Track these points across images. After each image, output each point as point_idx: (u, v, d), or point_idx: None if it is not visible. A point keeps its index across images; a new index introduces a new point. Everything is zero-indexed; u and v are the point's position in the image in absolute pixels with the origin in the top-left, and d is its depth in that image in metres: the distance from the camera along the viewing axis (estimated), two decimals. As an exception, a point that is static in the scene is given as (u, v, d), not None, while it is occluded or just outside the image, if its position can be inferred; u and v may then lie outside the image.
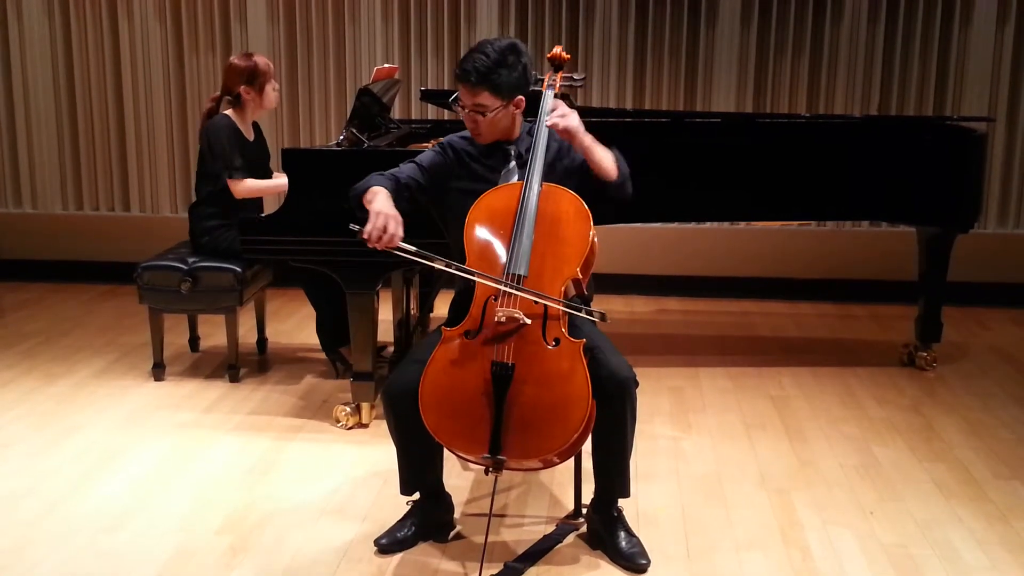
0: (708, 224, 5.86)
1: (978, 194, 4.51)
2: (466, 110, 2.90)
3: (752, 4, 5.65)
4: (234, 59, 4.35)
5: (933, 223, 4.44)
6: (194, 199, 4.43)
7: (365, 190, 2.83)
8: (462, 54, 5.63)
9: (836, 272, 5.81)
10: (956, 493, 3.32)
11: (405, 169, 2.96)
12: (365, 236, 2.65)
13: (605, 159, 2.86)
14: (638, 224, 5.36)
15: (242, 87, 4.28)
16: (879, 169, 4.25)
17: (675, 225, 5.81)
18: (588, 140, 2.86)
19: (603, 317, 2.67)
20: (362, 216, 2.76)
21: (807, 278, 5.82)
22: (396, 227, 2.67)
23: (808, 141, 4.31)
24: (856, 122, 4.94)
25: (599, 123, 4.07)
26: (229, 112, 4.32)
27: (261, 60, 4.32)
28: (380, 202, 2.73)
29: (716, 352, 4.85)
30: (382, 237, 2.65)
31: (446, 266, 2.70)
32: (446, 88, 5.75)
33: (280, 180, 4.48)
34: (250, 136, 4.39)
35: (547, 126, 2.84)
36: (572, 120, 2.82)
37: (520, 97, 2.92)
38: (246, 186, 4.29)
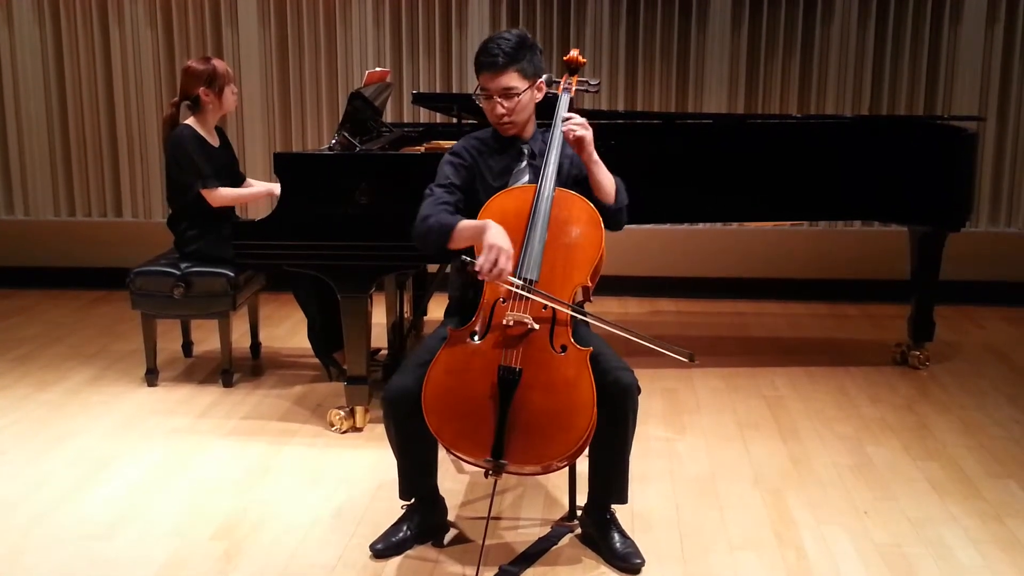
0: (701, 225, 5.87)
1: (969, 193, 4.52)
2: (494, 98, 2.88)
3: (743, 5, 5.66)
4: (192, 63, 4.35)
5: (925, 222, 4.45)
6: (169, 211, 4.43)
7: (451, 229, 2.76)
8: (454, 57, 5.78)
9: (829, 272, 5.83)
10: (950, 492, 3.33)
11: (446, 195, 2.89)
12: (478, 270, 2.64)
13: (606, 181, 2.89)
14: (631, 226, 5.36)
15: (201, 89, 4.28)
16: (871, 169, 4.26)
17: (668, 226, 5.82)
18: (596, 157, 2.87)
19: (691, 358, 2.67)
20: (439, 256, 2.79)
21: (800, 278, 5.84)
22: (507, 262, 2.65)
23: (799, 141, 4.32)
24: (847, 122, 4.95)
25: (591, 125, 4.07)
26: (190, 121, 4.32)
27: (220, 64, 4.33)
28: (496, 235, 2.67)
29: (710, 353, 4.85)
30: (492, 271, 2.64)
31: (559, 304, 2.69)
32: (438, 91, 5.77)
33: (255, 189, 4.48)
34: (215, 142, 4.39)
35: (562, 130, 2.84)
36: (588, 134, 2.83)
37: (541, 81, 2.94)
38: (221, 194, 4.28)
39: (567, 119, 2.85)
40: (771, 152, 4.26)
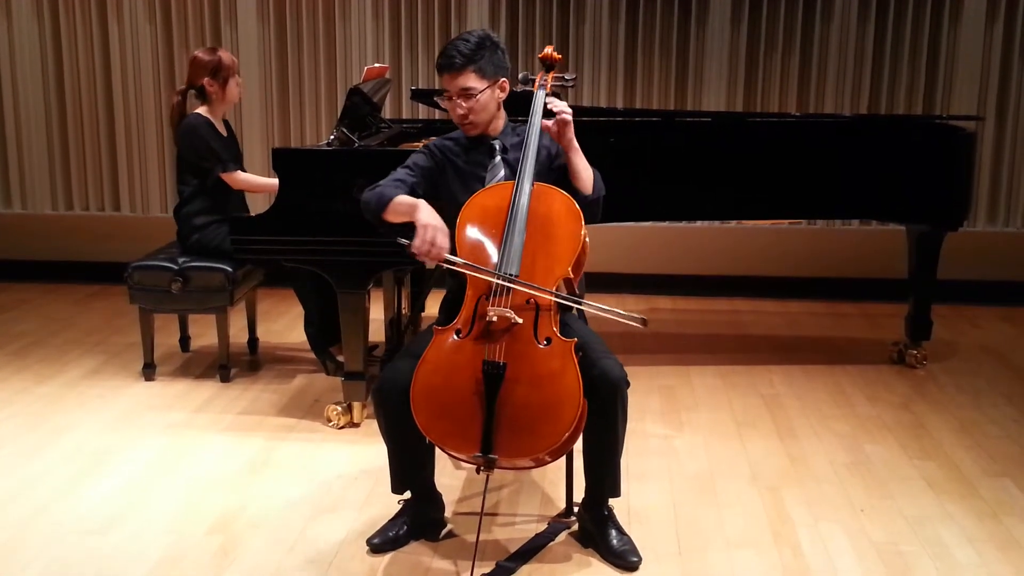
0: (699, 223, 5.87)
1: (967, 192, 4.51)
2: (454, 99, 2.92)
3: (742, 3, 5.66)
4: (198, 53, 4.38)
5: (923, 221, 4.45)
6: (177, 201, 4.43)
7: (388, 201, 2.82)
8: (453, 54, 5.75)
9: (826, 271, 5.83)
10: (946, 490, 3.33)
11: (404, 175, 2.94)
12: (414, 250, 2.68)
13: (585, 170, 2.90)
14: (629, 223, 5.37)
15: (206, 79, 4.32)
16: (869, 168, 4.26)
17: (666, 224, 5.82)
18: (575, 144, 2.89)
19: (643, 322, 2.65)
20: (382, 229, 2.84)
21: (798, 277, 5.84)
22: (444, 240, 2.70)
23: (798, 140, 4.32)
24: (846, 121, 4.96)
25: (590, 122, 4.08)
26: (201, 110, 4.36)
27: (225, 55, 4.36)
28: (427, 214, 2.73)
29: (707, 351, 4.85)
30: (431, 251, 2.67)
31: (498, 278, 2.70)
32: (437, 87, 5.75)
33: (271, 181, 4.49)
34: (223, 132, 4.42)
35: (549, 107, 2.84)
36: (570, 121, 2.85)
37: (504, 80, 2.96)
38: (240, 177, 4.34)
39: (552, 105, 2.85)
40: (770, 150, 4.26)
